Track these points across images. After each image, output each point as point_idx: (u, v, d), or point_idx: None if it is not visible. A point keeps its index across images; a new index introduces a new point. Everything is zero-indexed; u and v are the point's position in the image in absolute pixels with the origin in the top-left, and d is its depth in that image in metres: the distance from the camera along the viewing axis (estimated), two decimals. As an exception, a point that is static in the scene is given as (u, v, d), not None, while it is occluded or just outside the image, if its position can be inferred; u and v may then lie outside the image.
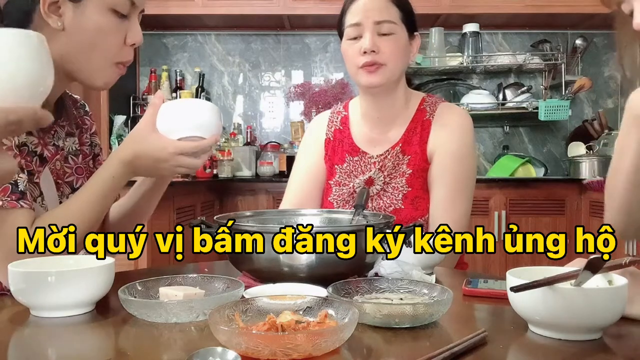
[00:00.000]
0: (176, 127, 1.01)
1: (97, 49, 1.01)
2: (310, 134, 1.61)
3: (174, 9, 3.48)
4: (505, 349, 0.70)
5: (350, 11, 1.40)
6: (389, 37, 1.37)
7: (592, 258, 0.68)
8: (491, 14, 3.54)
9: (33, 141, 1.04)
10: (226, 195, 3.42)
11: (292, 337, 0.61)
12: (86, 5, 0.98)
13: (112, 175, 1.01)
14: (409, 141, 1.45)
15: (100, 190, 1.00)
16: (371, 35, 1.36)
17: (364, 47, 1.35)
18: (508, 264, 3.15)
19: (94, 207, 1.00)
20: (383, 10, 1.37)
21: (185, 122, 1.01)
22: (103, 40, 1.00)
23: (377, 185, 1.45)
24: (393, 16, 1.37)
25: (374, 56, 1.36)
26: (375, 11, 1.36)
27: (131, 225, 1.24)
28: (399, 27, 1.38)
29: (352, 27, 1.38)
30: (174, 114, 1.01)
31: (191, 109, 1.02)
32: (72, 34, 0.98)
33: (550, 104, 3.46)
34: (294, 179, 1.57)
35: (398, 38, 1.38)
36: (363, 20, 1.37)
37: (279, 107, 3.99)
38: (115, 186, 1.02)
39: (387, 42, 1.36)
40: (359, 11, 1.38)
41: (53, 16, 0.97)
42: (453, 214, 1.39)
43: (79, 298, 0.81)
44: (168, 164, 1.01)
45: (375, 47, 1.35)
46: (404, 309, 0.74)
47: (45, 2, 0.96)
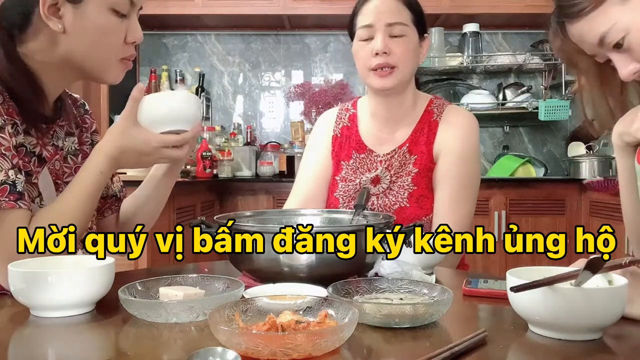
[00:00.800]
0: (159, 120, 1.02)
1: (100, 49, 1.01)
2: (318, 130, 1.61)
3: (174, 9, 3.48)
4: (505, 349, 0.70)
5: (362, 12, 1.41)
6: (401, 39, 1.38)
7: (592, 258, 0.68)
8: (491, 14, 3.54)
9: (31, 141, 1.04)
10: (226, 195, 3.41)
11: (292, 337, 0.61)
12: (86, 6, 0.97)
13: (99, 171, 1.01)
14: (415, 141, 1.46)
15: (90, 186, 1.00)
16: (383, 36, 1.36)
17: (375, 49, 1.36)
18: (508, 264, 3.15)
19: (86, 204, 1.00)
20: (395, 12, 1.38)
21: (168, 116, 1.02)
22: (104, 40, 1.01)
23: (384, 183, 1.46)
24: (404, 18, 1.38)
25: (385, 58, 1.37)
26: (387, 13, 1.37)
27: (147, 217, 1.25)
28: (410, 29, 1.39)
29: (363, 29, 1.39)
30: (156, 107, 1.02)
31: (173, 102, 1.03)
32: (73, 35, 0.98)
33: (550, 104, 3.46)
34: (302, 174, 1.58)
35: (409, 40, 1.39)
36: (375, 22, 1.37)
37: (279, 107, 3.99)
38: (103, 181, 1.02)
39: (398, 44, 1.37)
40: (370, 13, 1.39)
41: (53, 18, 0.97)
42: (456, 215, 1.40)
43: (79, 298, 0.81)
44: (152, 157, 1.03)
45: (387, 48, 1.36)
46: (404, 309, 0.74)
47: (44, 4, 0.95)
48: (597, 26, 0.94)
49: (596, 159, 3.35)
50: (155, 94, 1.05)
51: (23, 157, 1.01)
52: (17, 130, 1.00)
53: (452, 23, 3.65)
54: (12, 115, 0.98)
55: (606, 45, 0.95)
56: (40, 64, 1.01)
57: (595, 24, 0.94)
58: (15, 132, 0.99)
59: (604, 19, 0.93)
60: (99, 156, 1.01)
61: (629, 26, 0.92)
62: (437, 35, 3.60)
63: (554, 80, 3.71)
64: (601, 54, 0.98)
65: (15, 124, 0.99)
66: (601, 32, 0.94)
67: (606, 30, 0.93)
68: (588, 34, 0.96)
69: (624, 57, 0.95)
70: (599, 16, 0.94)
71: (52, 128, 1.10)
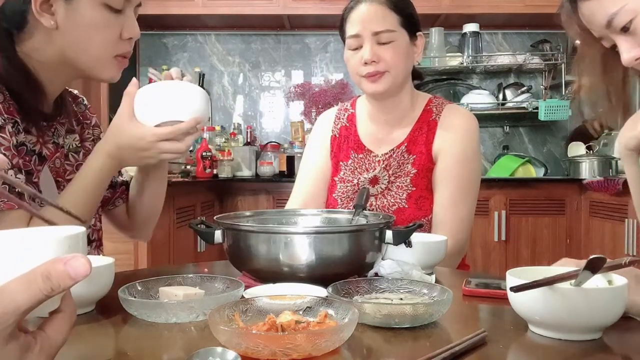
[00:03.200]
0: (151, 113, 0.99)
1: (93, 44, 1.00)
2: (317, 131, 1.61)
3: (174, 9, 3.49)
4: (505, 349, 0.70)
5: (350, 20, 1.40)
6: (389, 45, 1.37)
7: (592, 258, 0.68)
8: (491, 14, 3.54)
9: (31, 140, 1.04)
10: (226, 195, 3.42)
11: (292, 337, 0.61)
12: (78, 2, 0.97)
13: (100, 168, 1.01)
14: (414, 141, 1.45)
15: (90, 184, 1.00)
16: (371, 45, 1.36)
17: (364, 58, 1.36)
18: (508, 264, 3.15)
19: (86, 201, 1.00)
20: (381, 19, 1.36)
21: (160, 108, 0.99)
22: (97, 36, 1.00)
23: (382, 184, 1.46)
24: (391, 24, 1.37)
25: (375, 66, 1.37)
26: (373, 22, 1.36)
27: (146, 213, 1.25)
28: (399, 33, 1.38)
29: (351, 39, 1.39)
30: (148, 100, 1.00)
31: (165, 92, 1.00)
32: (66, 31, 0.98)
33: (550, 104, 3.46)
34: (301, 176, 1.58)
35: (398, 44, 1.38)
36: (362, 31, 1.37)
37: (279, 107, 3.99)
38: (104, 178, 1.02)
39: (387, 51, 1.37)
40: (357, 22, 1.38)
41: (45, 15, 0.96)
42: (455, 216, 1.39)
43: (79, 298, 0.81)
44: (151, 152, 1.01)
45: (375, 57, 1.36)
46: (404, 309, 0.74)
47: (36, 1, 0.95)
48: (607, 6, 0.94)
49: (596, 159, 3.35)
50: (146, 86, 1.01)
51: (24, 156, 1.01)
52: (18, 129, 1.00)
53: (452, 23, 3.65)
54: (12, 114, 0.98)
55: (613, 27, 0.94)
56: (38, 62, 1.01)
57: (606, 3, 0.94)
58: (16, 130, 0.99)
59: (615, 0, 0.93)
60: (99, 154, 1.01)
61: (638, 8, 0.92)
62: (437, 35, 3.60)
63: (554, 80, 3.71)
64: (608, 37, 0.97)
65: (16, 123, 0.99)
66: (610, 13, 0.93)
67: (615, 12, 0.93)
68: (598, 14, 0.95)
69: (629, 41, 0.94)
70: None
71: (53, 126, 1.10)
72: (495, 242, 3.25)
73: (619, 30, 0.94)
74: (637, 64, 0.96)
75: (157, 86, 1.01)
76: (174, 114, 0.99)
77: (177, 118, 0.99)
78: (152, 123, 0.99)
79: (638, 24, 0.92)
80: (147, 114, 0.99)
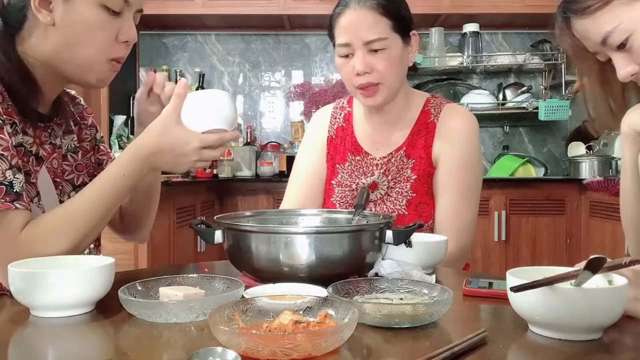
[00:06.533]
0: (202, 119, 0.98)
1: (87, 44, 0.99)
2: (312, 132, 1.56)
3: (174, 9, 3.48)
4: (505, 349, 0.70)
5: (339, 27, 1.33)
6: (382, 53, 1.30)
7: (592, 258, 0.68)
8: (491, 14, 3.54)
9: (28, 141, 1.03)
10: (226, 195, 3.41)
11: (292, 337, 0.61)
12: (76, 0, 0.97)
13: (122, 173, 0.97)
14: (413, 144, 1.41)
15: (106, 189, 0.97)
16: (362, 56, 1.30)
17: (356, 70, 1.30)
18: (508, 264, 3.15)
19: (98, 207, 0.97)
20: (372, 26, 1.29)
21: (211, 115, 0.98)
22: (92, 36, 0.99)
23: (381, 189, 1.42)
24: (383, 30, 1.30)
25: (368, 77, 1.31)
26: (364, 29, 1.29)
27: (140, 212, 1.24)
28: (391, 39, 1.31)
29: (342, 47, 1.32)
30: (199, 106, 0.98)
31: (216, 101, 0.99)
32: (62, 29, 0.98)
33: (550, 104, 3.46)
34: (293, 179, 1.53)
35: (391, 52, 1.31)
36: (352, 40, 1.30)
37: (279, 107, 3.99)
38: (126, 184, 0.98)
39: (380, 59, 1.30)
40: (346, 29, 1.31)
41: (43, 11, 0.97)
42: (459, 223, 1.37)
43: (79, 298, 0.81)
44: (190, 158, 0.98)
45: (368, 67, 1.30)
46: (404, 309, 0.74)
47: None
48: (602, 25, 0.94)
49: (596, 159, 3.35)
50: (196, 92, 1.00)
51: (22, 156, 1.01)
52: (16, 130, 1.00)
53: (452, 23, 3.64)
54: (11, 115, 0.98)
55: (609, 44, 0.95)
56: (34, 61, 1.01)
57: (601, 22, 0.94)
58: (14, 131, 0.99)
59: (610, 19, 0.93)
60: (126, 157, 0.98)
61: (633, 27, 0.92)
62: (437, 35, 3.60)
63: (554, 80, 3.71)
64: (603, 52, 0.98)
65: (15, 124, 0.99)
66: (605, 32, 0.94)
67: (610, 30, 0.93)
68: (592, 32, 0.96)
69: (625, 57, 0.95)
70: (605, 15, 0.94)
71: (50, 126, 1.10)
72: (495, 242, 3.25)
73: (614, 47, 0.95)
74: (633, 79, 0.96)
75: (208, 93, 1.01)
76: (221, 123, 0.99)
77: (223, 127, 0.99)
78: (200, 129, 0.98)
79: (634, 42, 0.93)
80: (198, 119, 0.98)
